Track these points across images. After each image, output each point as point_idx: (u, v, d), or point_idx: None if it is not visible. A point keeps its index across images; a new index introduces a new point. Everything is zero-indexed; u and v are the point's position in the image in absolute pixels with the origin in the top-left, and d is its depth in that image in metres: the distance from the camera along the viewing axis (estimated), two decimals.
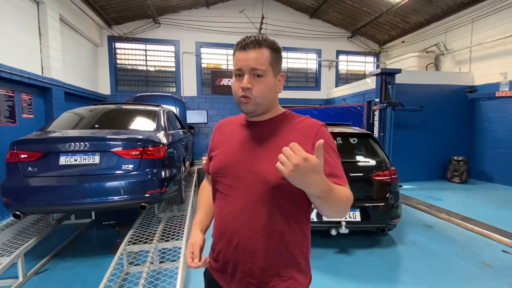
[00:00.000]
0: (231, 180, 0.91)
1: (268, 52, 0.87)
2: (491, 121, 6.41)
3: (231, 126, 1.03)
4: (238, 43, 0.88)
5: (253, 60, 0.85)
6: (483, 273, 2.62)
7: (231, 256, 0.90)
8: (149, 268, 2.25)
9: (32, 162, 2.47)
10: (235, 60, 0.88)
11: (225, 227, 0.91)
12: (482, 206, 4.62)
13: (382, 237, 3.40)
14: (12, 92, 4.33)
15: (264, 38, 0.87)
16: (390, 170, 3.01)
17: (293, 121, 0.94)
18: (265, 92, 0.88)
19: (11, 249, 2.45)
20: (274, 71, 0.90)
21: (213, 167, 0.97)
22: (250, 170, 0.88)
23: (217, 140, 1.03)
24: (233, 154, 0.93)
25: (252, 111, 0.90)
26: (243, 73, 0.86)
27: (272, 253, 0.87)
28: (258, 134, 0.93)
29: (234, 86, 0.90)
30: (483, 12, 6.41)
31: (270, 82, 0.89)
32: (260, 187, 0.86)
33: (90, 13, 6.83)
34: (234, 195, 0.90)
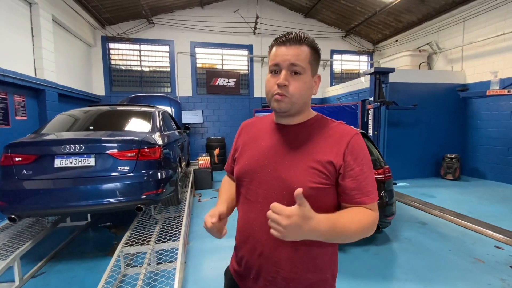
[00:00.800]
0: (256, 185, 0.87)
1: (308, 50, 0.83)
2: (483, 118, 6.52)
3: (258, 127, 0.98)
4: (277, 39, 0.84)
5: (293, 56, 0.80)
6: (476, 268, 2.68)
7: (255, 263, 0.87)
8: (146, 270, 2.26)
9: (26, 165, 2.46)
10: (272, 56, 0.84)
11: (249, 233, 0.88)
12: (474, 203, 4.71)
13: (377, 234, 3.44)
14: (5, 94, 4.29)
15: (305, 35, 0.84)
16: (384, 169, 3.05)
17: (326, 126, 0.88)
18: (303, 91, 0.83)
19: (6, 253, 2.43)
20: (312, 70, 0.85)
21: (238, 170, 0.93)
22: (277, 177, 0.83)
23: (243, 142, 0.98)
24: (260, 159, 0.88)
25: (285, 110, 0.84)
26: (280, 69, 0.82)
27: (298, 266, 0.83)
28: (289, 139, 0.88)
29: (268, 83, 0.85)
30: (474, 11, 6.51)
31: (308, 81, 0.84)
32: (288, 196, 0.79)
33: (83, 13, 6.77)
34: (260, 201, 0.86)
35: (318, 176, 0.80)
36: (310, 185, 0.79)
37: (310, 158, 0.82)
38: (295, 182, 0.79)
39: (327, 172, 0.80)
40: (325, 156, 0.81)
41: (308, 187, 0.77)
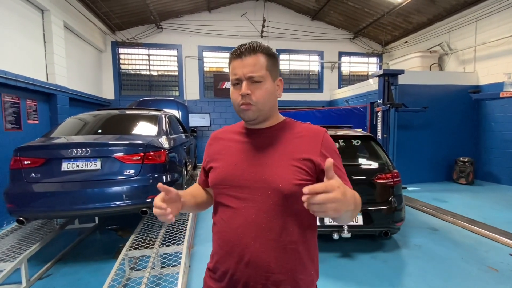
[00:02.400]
0: (238, 191, 0.86)
1: (264, 58, 0.86)
2: (497, 121, 6.31)
3: (229, 136, 0.99)
4: (233, 52, 0.87)
5: (250, 67, 0.83)
6: (490, 277, 2.57)
7: (242, 274, 0.84)
8: (150, 274, 2.25)
9: (35, 169, 2.51)
10: (232, 69, 0.87)
11: (233, 242, 0.85)
12: (488, 208, 4.54)
13: (385, 240, 3.35)
14: (17, 98, 4.41)
15: (258, 44, 0.86)
16: (393, 173, 2.97)
17: (296, 128, 0.92)
18: (266, 97, 0.86)
19: (14, 255, 2.47)
20: (272, 76, 0.88)
21: (216, 179, 0.92)
22: (260, 179, 0.84)
23: (215, 151, 0.98)
24: (238, 163, 0.89)
25: (254, 118, 0.87)
26: (241, 80, 0.85)
27: (286, 266, 0.84)
28: (262, 142, 0.90)
29: (233, 95, 0.88)
30: (487, 11, 6.34)
31: (270, 87, 0.87)
32: (273, 196, 0.82)
33: (93, 19, 6.94)
34: (243, 206, 0.85)
35: (300, 173, 0.82)
36: (295, 182, 0.81)
37: (289, 157, 0.84)
38: (280, 181, 0.81)
39: (307, 169, 0.84)
40: (303, 154, 0.84)
41: (292, 184, 0.80)
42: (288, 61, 9.56)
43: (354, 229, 2.84)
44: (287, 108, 9.25)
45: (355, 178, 2.95)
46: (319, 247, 2.89)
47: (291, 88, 9.69)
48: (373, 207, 2.88)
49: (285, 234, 0.83)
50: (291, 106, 9.32)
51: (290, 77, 9.69)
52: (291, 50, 9.39)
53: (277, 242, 0.82)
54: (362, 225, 2.81)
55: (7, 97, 4.20)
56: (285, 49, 9.30)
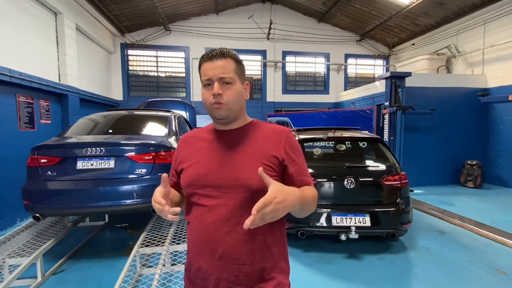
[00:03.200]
0: (210, 190, 0.90)
1: (233, 62, 0.92)
2: (506, 124, 6.25)
3: (198, 137, 1.02)
4: (204, 56, 0.93)
5: (221, 69, 0.89)
6: (498, 280, 2.56)
7: (215, 268, 0.88)
8: (161, 270, 2.31)
9: (51, 167, 2.59)
10: (203, 71, 0.92)
11: (206, 239, 0.89)
12: (497, 212, 4.51)
13: (392, 242, 3.36)
14: (31, 99, 4.53)
15: (227, 50, 0.93)
16: (400, 175, 2.99)
17: (263, 128, 0.99)
18: (236, 97, 0.92)
19: (30, 250, 2.55)
20: (240, 79, 0.95)
21: (188, 179, 0.94)
22: (230, 177, 0.89)
23: (186, 153, 1.01)
24: (209, 163, 0.93)
25: (225, 116, 0.92)
26: (212, 81, 0.90)
27: (257, 257, 0.88)
28: (231, 141, 0.95)
29: (204, 95, 0.92)
30: (496, 13, 6.30)
31: (239, 88, 0.93)
32: (243, 192, 0.87)
33: (104, 22, 7.08)
34: (215, 204, 0.89)
35: (267, 170, 0.87)
36: None
37: (257, 155, 0.91)
38: (249, 178, 0.87)
39: (273, 166, 0.91)
40: (269, 152, 0.92)
41: (260, 180, 0.82)
42: (294, 63, 9.61)
43: (361, 230, 2.86)
44: (293, 109, 9.29)
45: (362, 179, 2.97)
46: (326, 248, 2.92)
47: (297, 90, 9.73)
48: (380, 208, 2.90)
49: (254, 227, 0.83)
50: (297, 107, 9.36)
51: (296, 79, 9.73)
52: (298, 52, 9.43)
53: (248, 235, 0.87)
54: (370, 226, 2.83)
55: (22, 97, 4.33)
56: (292, 51, 9.34)
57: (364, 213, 2.86)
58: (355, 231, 2.80)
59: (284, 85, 9.52)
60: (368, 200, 2.99)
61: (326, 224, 2.86)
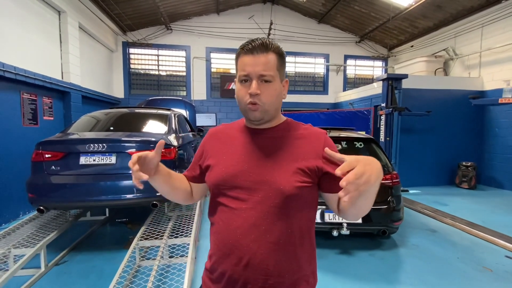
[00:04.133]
0: (238, 192, 0.85)
1: (275, 57, 0.84)
2: (502, 126, 6.34)
3: (228, 134, 0.97)
4: (244, 47, 0.83)
5: (262, 65, 0.81)
6: (484, 277, 2.66)
7: (240, 275, 0.82)
8: (160, 262, 2.41)
9: (55, 162, 2.70)
10: (241, 65, 0.84)
11: (232, 244, 0.83)
12: (489, 212, 4.60)
13: (384, 240, 3.46)
14: (35, 96, 4.64)
15: (271, 42, 0.84)
16: (392, 174, 3.09)
17: (298, 129, 0.92)
18: (273, 97, 0.85)
19: (34, 241, 2.66)
20: (280, 76, 0.87)
21: (215, 178, 0.89)
22: (262, 180, 0.83)
23: (214, 148, 0.96)
24: (239, 164, 0.87)
25: (260, 118, 0.86)
26: (250, 78, 0.82)
27: (285, 269, 0.82)
28: (264, 143, 0.89)
29: (240, 92, 0.85)
30: (493, 17, 6.39)
31: (278, 87, 0.86)
32: (274, 198, 0.81)
33: (106, 20, 7.18)
34: (243, 208, 0.83)
35: (301, 176, 0.83)
36: (296, 185, 0.82)
37: (291, 159, 0.85)
38: (282, 183, 0.81)
39: (309, 172, 0.84)
40: (306, 156, 0.85)
41: (294, 186, 0.81)
42: (293, 63, 9.70)
43: (353, 227, 2.96)
44: (292, 109, 9.38)
45: None
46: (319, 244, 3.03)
47: (296, 90, 9.82)
48: (372, 206, 2.99)
49: (284, 237, 0.82)
50: (296, 107, 9.45)
51: (296, 79, 9.82)
52: (297, 53, 9.52)
53: (276, 244, 0.81)
54: (361, 223, 2.94)
55: (26, 94, 4.43)
56: (291, 51, 9.43)
57: None
58: (347, 228, 2.90)
59: None
60: None
61: (320, 221, 2.96)
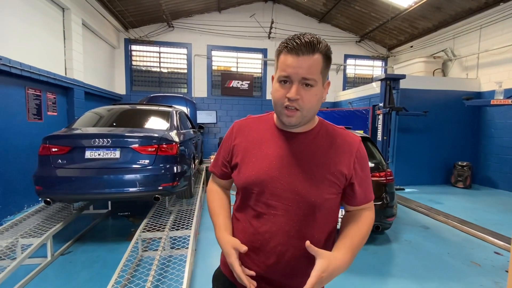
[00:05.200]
0: (268, 197, 0.84)
1: (321, 59, 0.77)
2: (497, 127, 6.45)
3: (258, 131, 0.93)
4: (288, 44, 0.76)
5: (305, 69, 0.75)
6: (472, 271, 2.78)
7: (265, 271, 0.86)
8: (161, 253, 2.53)
9: (61, 155, 2.80)
10: (282, 64, 0.78)
11: (261, 244, 0.84)
12: (482, 211, 4.72)
13: (378, 235, 3.58)
14: (39, 91, 4.73)
15: (318, 41, 0.76)
16: (386, 172, 3.20)
17: (333, 134, 0.89)
18: (313, 103, 0.80)
19: (41, 231, 2.77)
20: (323, 80, 0.81)
21: (244, 180, 0.88)
22: (292, 190, 0.82)
23: (241, 145, 0.92)
24: (270, 169, 0.84)
25: (295, 124, 0.82)
26: (291, 80, 0.77)
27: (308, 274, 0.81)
28: (298, 149, 0.86)
29: (277, 93, 0.80)
30: (491, 19, 6.47)
31: (319, 92, 0.80)
32: (304, 208, 0.82)
33: (109, 17, 7.24)
34: (272, 213, 0.84)
35: (332, 187, 0.83)
36: (326, 197, 0.83)
37: (324, 170, 0.83)
38: (314, 196, 0.81)
39: (338, 183, 0.84)
40: (337, 167, 0.84)
41: (324, 198, 0.82)
42: None
43: None
44: None
45: None
46: None
47: None
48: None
49: (314, 243, 0.80)
50: None
51: None
52: None
53: (303, 250, 0.78)
54: None
55: (31, 89, 4.52)
56: None
57: None
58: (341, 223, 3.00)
59: None
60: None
61: None
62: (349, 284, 2.50)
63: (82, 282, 2.45)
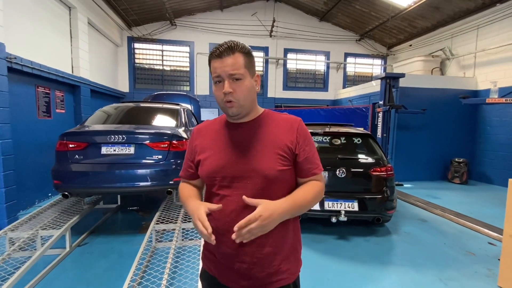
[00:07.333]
0: (229, 180, 0.95)
1: (242, 57, 0.92)
2: (493, 125, 6.63)
3: (213, 129, 1.06)
4: (213, 52, 0.92)
5: (230, 66, 0.90)
6: (467, 259, 2.96)
7: (238, 253, 0.93)
8: (177, 242, 2.68)
9: (78, 151, 2.93)
10: (213, 69, 0.93)
11: (227, 228, 0.91)
12: (477, 205, 4.91)
13: (378, 227, 3.75)
14: (48, 89, 4.84)
15: (236, 43, 0.92)
16: (387, 167, 3.36)
17: (275, 119, 1.02)
18: (246, 93, 0.93)
19: (60, 223, 2.90)
20: (250, 73, 0.95)
21: (207, 171, 0.99)
22: (248, 168, 0.93)
23: (201, 144, 1.05)
24: (226, 156, 0.97)
25: (237, 113, 0.95)
26: (222, 79, 0.91)
27: (277, 241, 0.95)
28: (246, 134, 0.99)
29: (216, 93, 0.94)
30: (488, 19, 6.62)
31: (249, 83, 0.94)
32: (260, 183, 0.92)
33: (113, 15, 7.33)
34: (235, 194, 0.93)
35: (282, 160, 0.95)
36: (278, 168, 0.94)
37: (271, 145, 0.96)
38: (266, 168, 0.93)
39: (287, 155, 0.96)
40: (283, 142, 0.97)
41: (276, 170, 0.93)
42: (295, 60, 9.90)
43: (350, 214, 3.24)
44: (292, 105, 9.63)
45: (353, 170, 3.34)
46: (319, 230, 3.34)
47: (297, 86, 10.04)
48: (368, 195, 3.28)
49: None
50: (296, 104, 9.69)
51: (297, 75, 10.03)
52: (299, 50, 9.71)
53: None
54: (357, 211, 3.21)
55: (41, 87, 4.63)
56: (293, 48, 9.64)
57: (353, 199, 3.23)
58: (344, 215, 3.17)
59: (285, 82, 9.84)
60: (357, 188, 3.36)
61: (319, 208, 3.24)
62: (353, 272, 2.67)
63: (103, 271, 2.60)
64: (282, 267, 0.96)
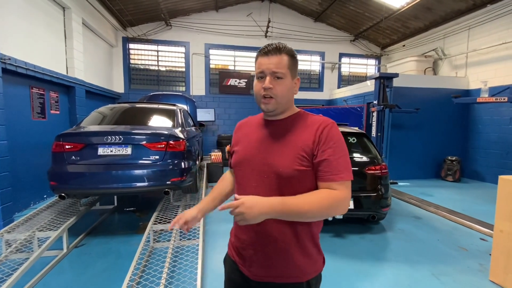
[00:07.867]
0: (249, 172, 1.02)
1: (287, 58, 0.98)
2: (485, 123, 6.77)
3: (250, 125, 1.15)
4: (261, 50, 1.00)
5: (274, 64, 0.96)
6: (459, 255, 3.03)
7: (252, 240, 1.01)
8: (175, 241, 2.69)
9: (75, 152, 2.93)
10: (258, 64, 1.00)
11: None
12: (470, 202, 5.01)
13: (373, 225, 3.81)
14: (43, 90, 4.81)
15: (283, 45, 0.99)
16: (381, 165, 3.42)
17: (306, 119, 1.04)
18: (284, 91, 0.98)
19: (56, 225, 2.90)
20: (291, 74, 1.00)
21: (234, 161, 1.10)
22: (267, 163, 0.98)
23: (238, 138, 1.15)
24: (252, 150, 1.04)
25: (272, 110, 1.00)
26: (265, 75, 0.98)
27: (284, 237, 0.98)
28: (274, 132, 1.04)
29: (256, 87, 1.01)
30: (479, 19, 6.75)
31: (289, 83, 1.00)
32: (274, 178, 0.96)
33: (108, 16, 7.29)
34: (252, 185, 1.00)
35: (300, 160, 0.96)
36: (295, 167, 0.95)
37: (293, 145, 0.98)
38: (282, 166, 0.96)
39: (306, 156, 0.96)
40: (305, 142, 0.97)
41: (293, 169, 0.95)
42: None
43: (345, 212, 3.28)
44: None
45: None
46: None
47: None
48: (363, 194, 3.33)
49: None
50: None
51: None
52: None
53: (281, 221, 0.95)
54: (353, 208, 3.27)
55: (35, 88, 4.60)
56: None
57: None
58: None
59: None
60: (352, 186, 3.39)
61: None
62: (349, 268, 2.72)
63: (100, 271, 2.61)
64: (291, 265, 0.99)
